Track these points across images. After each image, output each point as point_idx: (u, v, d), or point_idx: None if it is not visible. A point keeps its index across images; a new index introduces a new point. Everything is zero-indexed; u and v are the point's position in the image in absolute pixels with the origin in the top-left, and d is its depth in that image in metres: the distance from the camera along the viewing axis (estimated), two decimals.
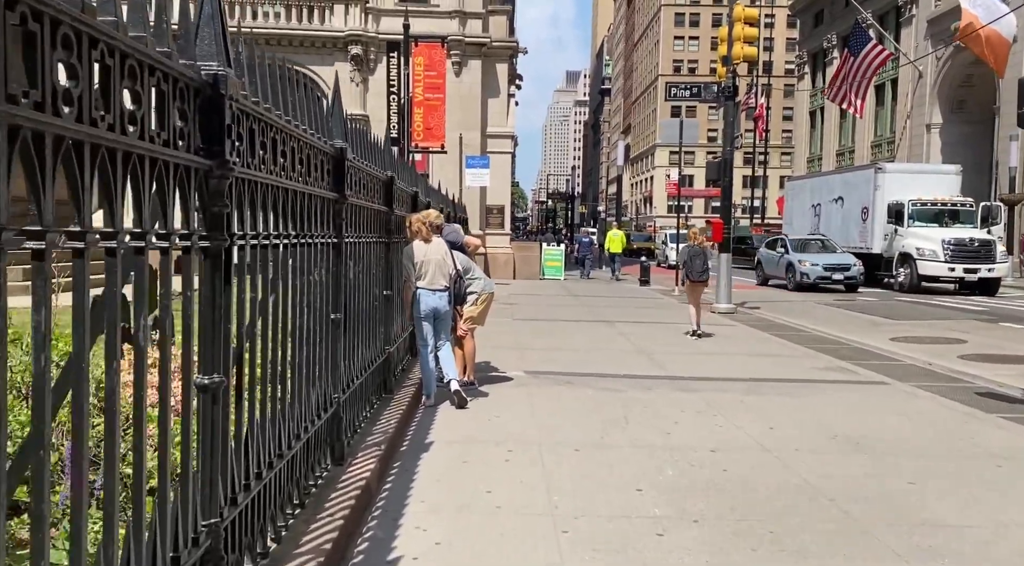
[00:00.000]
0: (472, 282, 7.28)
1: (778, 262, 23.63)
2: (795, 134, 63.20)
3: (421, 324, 6.60)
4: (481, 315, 7.40)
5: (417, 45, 18.70)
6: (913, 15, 42.05)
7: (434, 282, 6.55)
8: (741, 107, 48.51)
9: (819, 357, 9.71)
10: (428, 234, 6.56)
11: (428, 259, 6.53)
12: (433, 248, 6.58)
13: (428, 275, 6.53)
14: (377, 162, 5.57)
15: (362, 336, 5.36)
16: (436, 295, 6.55)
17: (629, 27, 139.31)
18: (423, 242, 6.56)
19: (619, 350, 10.10)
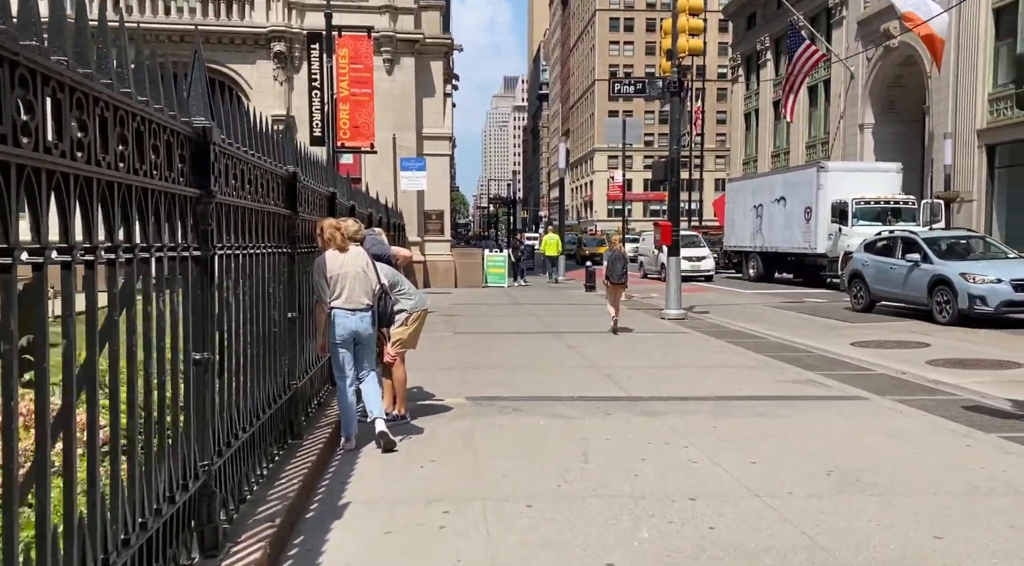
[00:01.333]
0: (401, 298, 6.22)
1: (907, 278, 14.76)
2: (731, 137, 63.76)
3: (338, 352, 5.50)
4: (412, 337, 6.35)
5: (341, 36, 17.44)
6: (843, 17, 42.53)
7: (353, 300, 5.47)
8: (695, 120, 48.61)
9: (785, 368, 8.94)
10: (344, 241, 5.48)
11: (344, 272, 5.44)
12: (351, 259, 5.50)
13: (345, 292, 5.45)
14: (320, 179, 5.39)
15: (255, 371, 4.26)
16: (356, 316, 5.47)
17: (565, 32, 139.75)
18: (338, 251, 5.48)
19: (570, 366, 9.15)
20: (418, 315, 6.34)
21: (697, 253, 27.00)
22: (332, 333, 5.46)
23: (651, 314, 15.63)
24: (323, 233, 5.50)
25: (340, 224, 5.58)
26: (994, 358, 9.95)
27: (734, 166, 60.32)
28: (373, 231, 6.64)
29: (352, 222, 5.79)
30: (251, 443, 4.11)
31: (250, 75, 21.67)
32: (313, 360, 6.12)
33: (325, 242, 5.50)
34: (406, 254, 6.71)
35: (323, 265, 5.42)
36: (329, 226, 5.51)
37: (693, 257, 26.10)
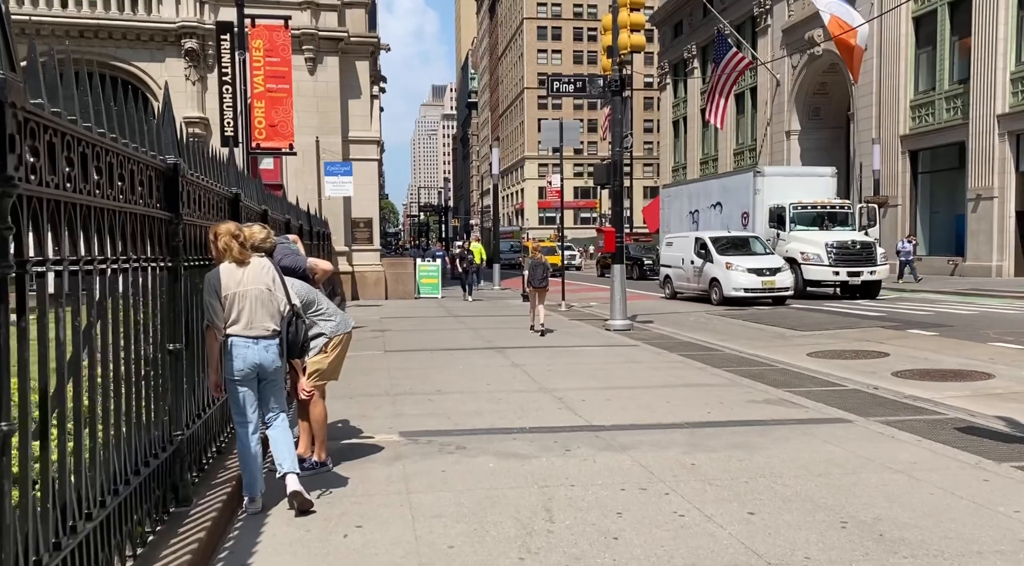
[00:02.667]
0: (319, 320, 5.15)
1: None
2: (661, 144, 64.20)
3: (237, 391, 4.37)
4: (333, 366, 5.28)
5: (255, 26, 16.02)
6: (768, 25, 43.12)
7: (255, 326, 4.37)
8: (604, 129, 48.51)
9: (752, 386, 8.18)
10: (243, 252, 4.39)
11: (244, 291, 4.35)
12: (252, 274, 4.41)
13: (244, 315, 4.35)
14: None
15: (110, 427, 3.14)
16: (259, 345, 4.36)
17: (493, 40, 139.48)
18: (235, 265, 4.38)
19: (518, 389, 8.18)
20: (340, 339, 5.27)
21: (765, 263, 19.31)
22: (229, 367, 4.34)
23: (595, 325, 14.82)
24: (217, 241, 4.39)
25: (240, 231, 4.48)
26: (957, 368, 9.45)
27: (664, 173, 60.70)
28: (285, 238, 5.53)
29: (259, 228, 4.68)
30: (103, 530, 2.98)
31: (159, 74, 20.01)
32: (210, 400, 4.98)
33: (220, 252, 4.39)
34: (325, 267, 5.60)
35: (216, 282, 4.31)
36: (225, 233, 4.40)
37: (762, 269, 19.01)
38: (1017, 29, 27.32)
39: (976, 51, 28.44)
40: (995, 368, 9.25)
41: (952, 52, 30.57)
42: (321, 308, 5.17)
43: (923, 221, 33.17)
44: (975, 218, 28.77)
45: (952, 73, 30.63)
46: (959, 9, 29.79)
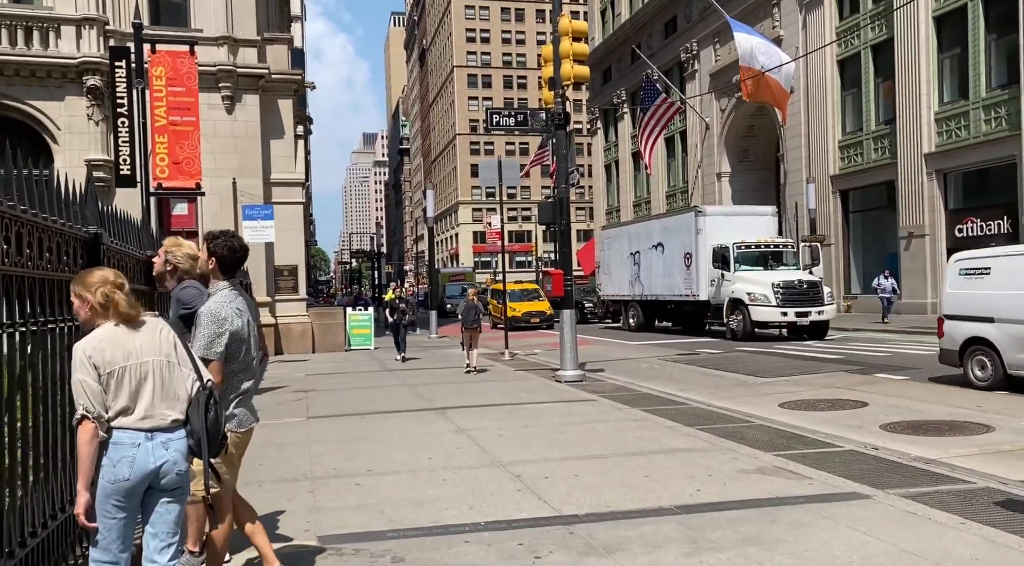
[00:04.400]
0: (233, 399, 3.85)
1: None
2: (594, 188, 64.36)
3: (112, 515, 2.98)
4: (233, 463, 3.95)
5: (155, 53, 14.48)
6: (696, 70, 43.70)
7: (155, 414, 3.04)
8: (532, 163, 48.27)
9: (735, 449, 7.09)
10: (133, 307, 3.09)
11: (139, 364, 3.05)
12: (147, 339, 3.11)
13: (144, 399, 3.04)
14: None
15: None
16: (155, 442, 3.03)
17: (424, 88, 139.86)
18: (122, 326, 3.08)
19: (467, 465, 6.87)
20: (242, 436, 3.96)
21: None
22: (112, 476, 2.96)
23: (544, 376, 13.64)
24: (89, 296, 3.05)
25: (121, 278, 3.16)
26: (948, 418, 8.60)
27: (597, 216, 60.66)
28: (189, 286, 4.27)
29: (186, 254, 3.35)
30: None
31: (57, 114, 18.26)
32: None
33: (93, 312, 3.05)
34: None
35: (92, 352, 2.96)
36: (100, 282, 3.07)
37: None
38: (939, 71, 27.94)
39: (900, 92, 28.97)
40: (989, 418, 8.42)
41: (877, 94, 31.17)
42: None
43: (856, 260, 33.40)
44: (908, 256, 28.97)
45: (878, 114, 31.18)
46: (881, 52, 30.46)
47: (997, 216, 25.51)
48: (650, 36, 49.09)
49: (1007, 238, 25.15)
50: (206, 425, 3.10)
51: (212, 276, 3.99)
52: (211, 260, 3.92)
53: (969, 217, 26.82)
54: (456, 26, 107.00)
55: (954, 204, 27.79)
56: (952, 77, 27.63)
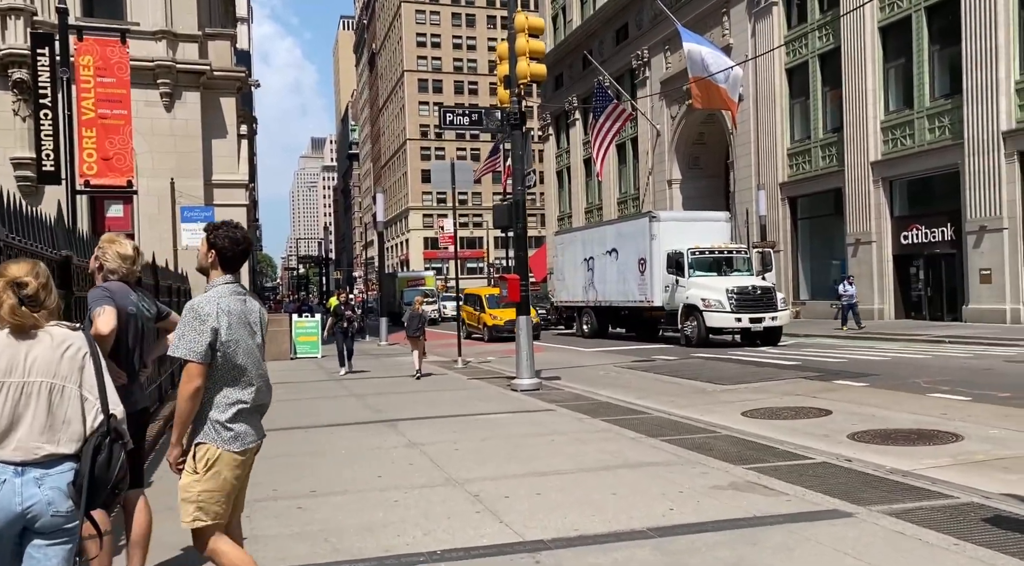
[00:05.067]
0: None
1: None
2: (546, 194, 64.28)
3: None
4: (226, 489, 3.46)
5: (82, 40, 13.54)
6: (647, 77, 43.92)
7: (30, 444, 2.50)
8: (483, 170, 47.92)
9: (704, 463, 6.74)
10: (21, 317, 2.57)
11: (26, 380, 2.53)
12: (43, 354, 2.59)
13: (22, 426, 2.51)
14: None
15: None
16: (35, 477, 2.49)
17: (374, 93, 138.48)
18: (9, 334, 2.55)
19: (420, 484, 6.36)
20: (239, 458, 3.52)
21: None
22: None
23: (499, 385, 13.18)
24: None
25: (27, 279, 2.63)
26: (915, 427, 8.41)
27: (550, 223, 60.58)
28: None
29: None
30: None
31: None
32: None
33: None
34: None
35: None
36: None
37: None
38: (884, 80, 28.44)
39: (847, 101, 29.41)
40: (956, 425, 8.26)
41: (825, 102, 31.62)
42: None
43: (804, 266, 33.81)
44: (855, 262, 29.37)
45: (826, 122, 31.62)
46: (829, 61, 30.90)
47: (941, 223, 26.01)
48: (601, 43, 49.23)
49: (950, 244, 25.68)
50: (92, 468, 2.56)
51: (211, 271, 3.50)
52: (211, 253, 3.47)
53: (914, 224, 27.31)
54: (407, 31, 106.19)
55: (899, 211, 28.29)
56: (897, 86, 28.16)
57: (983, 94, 23.71)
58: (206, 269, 3.57)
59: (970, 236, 24.37)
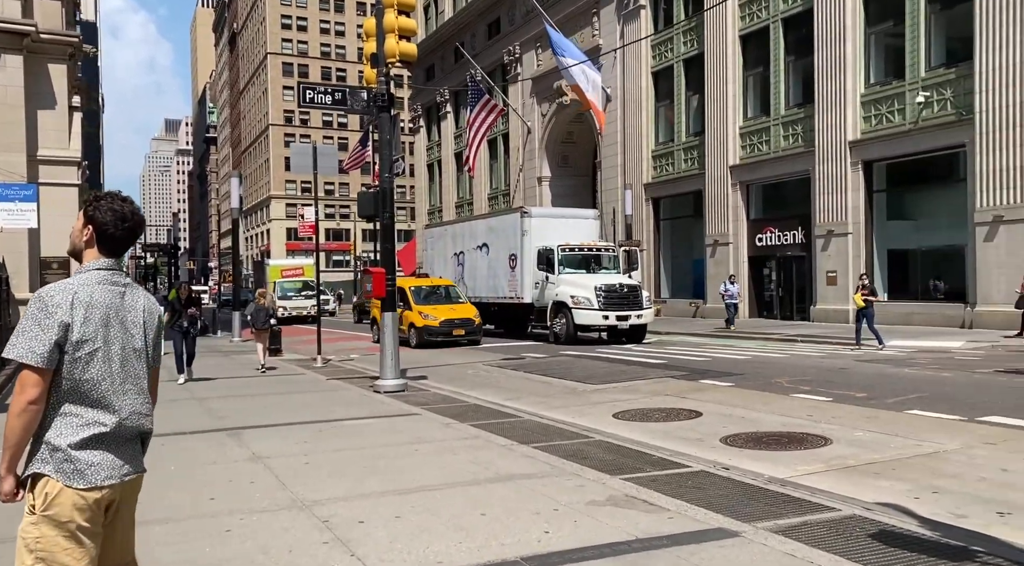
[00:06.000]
0: None
1: None
2: (416, 187, 63.18)
3: None
4: (60, 542, 2.51)
5: None
6: (518, 74, 43.86)
7: None
8: (350, 163, 46.34)
9: (580, 474, 6.27)
10: None
11: None
12: None
13: None
14: None
15: None
16: None
17: (234, 74, 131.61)
18: None
19: (261, 508, 5.49)
20: (80, 498, 2.58)
21: None
22: None
23: (361, 386, 12.32)
24: None
25: None
26: (783, 429, 8.36)
27: (419, 216, 59.56)
28: None
29: None
30: None
31: None
32: None
33: None
34: None
35: None
36: None
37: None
38: (744, 87, 29.56)
39: (709, 106, 30.39)
40: (823, 428, 8.26)
41: (688, 106, 32.57)
42: None
43: (665, 265, 34.77)
44: (713, 262, 30.44)
45: (688, 126, 32.58)
46: (693, 66, 31.83)
47: (793, 226, 27.34)
48: (473, 36, 48.76)
49: (800, 247, 27.04)
50: None
51: (85, 251, 2.66)
52: (87, 229, 2.65)
53: (768, 227, 28.58)
54: (271, 11, 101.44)
55: (755, 214, 29.54)
56: (756, 94, 29.36)
57: (832, 105, 25.05)
58: (79, 251, 2.67)
59: (818, 239, 25.71)
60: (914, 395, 10.14)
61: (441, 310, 20.92)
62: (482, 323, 21.32)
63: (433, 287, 22.76)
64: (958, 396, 10.00)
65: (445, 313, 20.82)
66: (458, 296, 22.56)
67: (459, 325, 20.63)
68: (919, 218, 24.09)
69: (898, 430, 7.96)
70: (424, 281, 22.70)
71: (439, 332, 20.33)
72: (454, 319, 20.66)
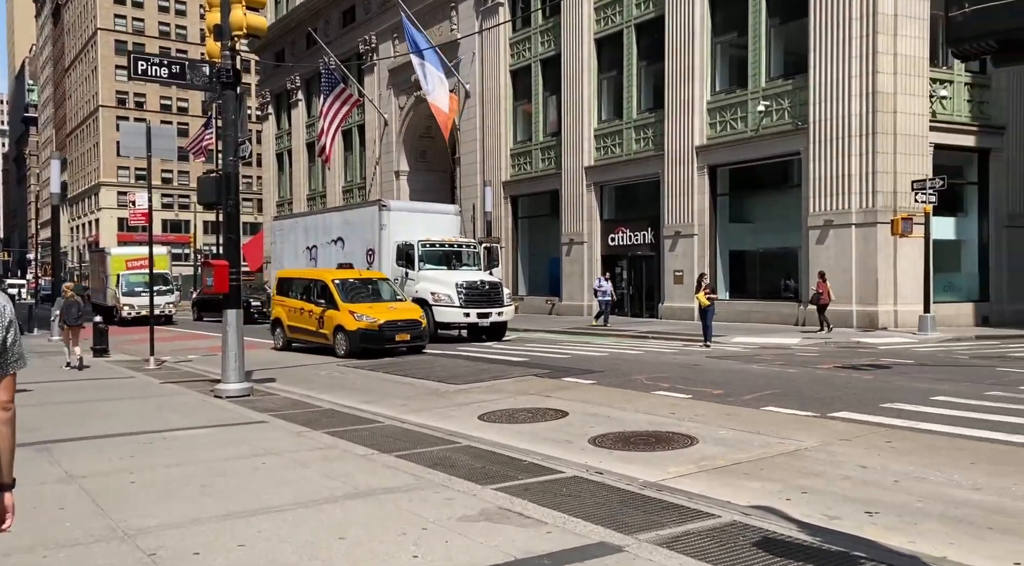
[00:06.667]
0: None
1: None
2: (264, 178, 60.17)
3: None
4: None
5: None
6: (375, 64, 42.71)
7: None
8: (192, 148, 43.37)
9: (448, 485, 5.79)
10: None
11: None
12: None
13: None
14: None
15: None
16: None
17: (58, 49, 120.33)
18: None
19: (72, 540, 4.59)
20: None
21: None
22: None
23: (200, 390, 11.21)
24: None
25: None
26: (650, 428, 8.28)
27: (267, 208, 56.73)
28: None
29: None
30: None
31: None
32: None
33: None
34: None
35: None
36: None
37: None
38: (599, 90, 30.15)
39: (566, 107, 30.79)
40: (687, 427, 8.25)
41: (546, 106, 32.85)
42: None
43: (523, 263, 34.98)
44: (568, 261, 30.90)
45: (546, 126, 32.88)
46: (550, 67, 32.12)
47: (643, 227, 28.18)
48: (327, 23, 47.00)
49: (650, 247, 27.92)
50: None
51: None
52: None
53: (620, 227, 29.32)
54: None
55: (608, 214, 30.23)
56: (610, 97, 30.03)
57: (681, 110, 25.99)
58: None
59: (667, 240, 26.62)
60: (768, 391, 10.46)
61: (379, 310, 16.82)
62: (427, 326, 17.77)
63: (364, 281, 18.55)
64: (807, 392, 10.41)
65: (384, 313, 16.70)
66: (394, 293, 18.59)
67: (403, 328, 16.69)
68: (758, 221, 25.47)
69: (759, 428, 8.09)
70: (351, 273, 18.63)
71: (380, 337, 16.32)
72: (397, 321, 16.69)
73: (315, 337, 17.49)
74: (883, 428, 7.97)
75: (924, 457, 6.64)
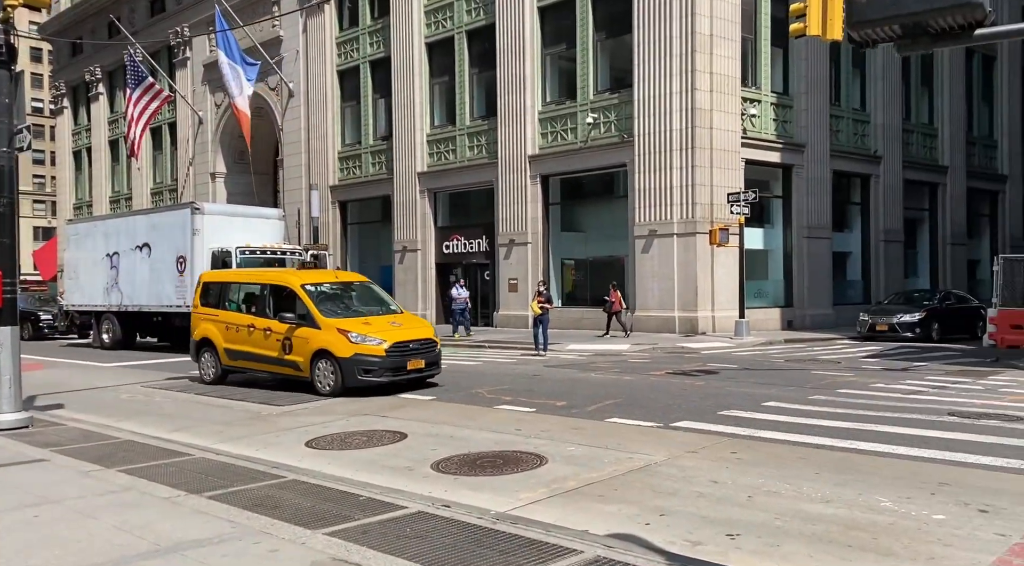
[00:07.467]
0: None
1: None
2: (58, 178, 54.21)
3: None
4: None
5: None
6: (188, 58, 39.77)
7: None
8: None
9: (272, 532, 4.96)
10: None
11: None
12: None
13: None
14: None
15: None
16: None
17: None
18: None
19: None
20: None
21: None
22: None
23: None
24: None
25: None
26: (496, 448, 7.80)
27: (63, 212, 51.14)
28: None
29: None
30: None
31: None
32: None
33: None
34: None
35: None
36: None
37: None
38: (431, 95, 29.65)
39: (397, 110, 30.03)
40: (535, 444, 7.85)
41: (376, 109, 31.88)
42: None
43: (353, 271, 33.70)
44: (401, 269, 30.13)
45: (376, 129, 31.91)
46: (380, 69, 31.23)
47: (478, 235, 27.97)
48: (133, 11, 43.18)
49: (485, 255, 27.76)
50: None
51: None
52: None
53: (455, 234, 28.95)
54: None
55: (442, 221, 29.76)
56: (442, 102, 29.60)
57: (514, 119, 26.06)
58: None
59: (501, 248, 26.58)
60: (609, 401, 10.35)
61: (379, 326, 12.03)
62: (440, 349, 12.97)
63: (343, 285, 13.77)
64: (646, 401, 10.40)
65: (388, 331, 11.88)
66: (387, 301, 13.70)
67: (416, 352, 12.01)
68: (589, 230, 26.01)
69: (607, 442, 7.84)
70: (324, 275, 14.24)
71: (387, 366, 11.58)
72: (408, 342, 11.95)
73: (276, 366, 12.46)
74: (726, 438, 7.99)
75: (771, 468, 6.64)
